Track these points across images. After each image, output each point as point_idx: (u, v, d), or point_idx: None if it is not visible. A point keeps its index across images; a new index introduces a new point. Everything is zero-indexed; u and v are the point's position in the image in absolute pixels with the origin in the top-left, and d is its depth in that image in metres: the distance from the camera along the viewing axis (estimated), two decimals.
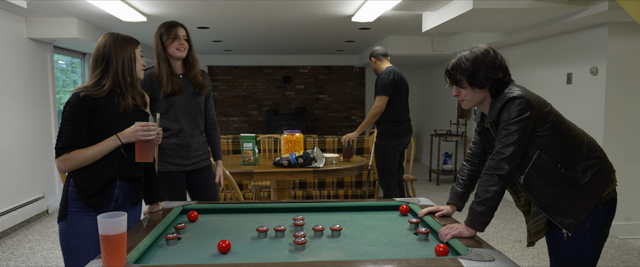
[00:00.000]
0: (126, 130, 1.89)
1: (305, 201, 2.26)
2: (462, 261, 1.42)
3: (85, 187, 1.89)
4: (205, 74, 2.77)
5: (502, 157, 1.70)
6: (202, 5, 4.49)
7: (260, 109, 9.67)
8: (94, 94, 1.89)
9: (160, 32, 2.59)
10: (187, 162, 2.67)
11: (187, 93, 2.64)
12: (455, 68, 1.81)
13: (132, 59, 1.96)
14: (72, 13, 4.80)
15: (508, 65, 1.83)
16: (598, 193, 1.74)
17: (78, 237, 1.91)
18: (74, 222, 1.90)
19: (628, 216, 4.34)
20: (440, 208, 1.99)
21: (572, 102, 4.55)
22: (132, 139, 1.88)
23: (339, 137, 5.28)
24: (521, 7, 3.60)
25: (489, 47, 1.81)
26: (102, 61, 1.94)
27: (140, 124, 1.89)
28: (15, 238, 4.30)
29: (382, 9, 4.43)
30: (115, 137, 1.89)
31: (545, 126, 1.73)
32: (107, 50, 1.93)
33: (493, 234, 4.25)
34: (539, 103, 1.74)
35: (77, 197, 1.90)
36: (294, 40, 7.07)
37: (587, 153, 1.76)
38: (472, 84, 1.79)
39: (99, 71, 1.93)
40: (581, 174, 1.73)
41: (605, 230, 1.78)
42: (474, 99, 1.83)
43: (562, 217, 1.74)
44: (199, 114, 2.72)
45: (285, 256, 1.57)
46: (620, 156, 4.25)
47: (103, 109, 1.90)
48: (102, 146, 1.87)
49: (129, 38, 1.98)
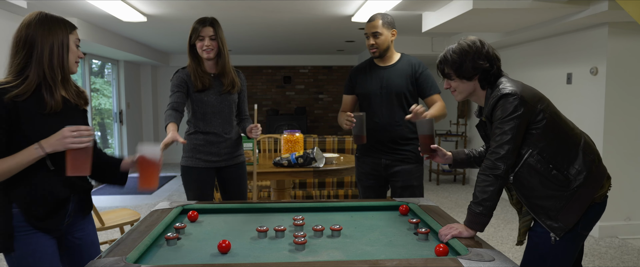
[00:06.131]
0: (51, 137, 1.52)
1: (305, 201, 2.26)
2: (462, 261, 1.42)
3: (32, 210, 1.57)
4: (238, 72, 2.73)
5: (497, 157, 1.69)
6: (202, 5, 4.49)
7: (260, 109, 9.67)
8: (17, 92, 1.53)
9: (192, 28, 2.53)
10: (217, 159, 2.64)
11: (218, 91, 2.59)
12: (443, 61, 1.84)
13: (64, 47, 1.60)
14: (72, 13, 4.80)
15: (497, 56, 1.82)
16: (589, 197, 1.71)
17: (39, 262, 1.59)
18: (30, 247, 1.57)
19: (628, 216, 4.34)
20: (445, 152, 2.06)
21: (572, 102, 4.55)
22: (60, 147, 1.52)
23: (339, 137, 5.28)
24: (521, 7, 3.60)
25: (476, 38, 1.81)
26: (24, 46, 1.57)
27: (70, 128, 1.53)
28: None
29: (382, 9, 4.43)
30: (36, 146, 1.51)
31: (539, 124, 1.70)
32: (30, 32, 1.57)
33: (493, 234, 4.25)
34: (533, 99, 1.71)
35: (23, 220, 1.57)
36: (294, 40, 7.08)
37: (582, 155, 1.73)
38: (460, 75, 1.80)
39: (20, 59, 1.56)
40: (574, 176, 1.70)
41: (584, 232, 1.75)
42: (465, 91, 1.85)
43: (551, 221, 1.72)
44: (231, 113, 2.67)
45: (285, 256, 1.57)
46: (620, 156, 4.26)
47: (29, 110, 1.55)
48: (19, 157, 1.50)
49: (62, 20, 1.63)
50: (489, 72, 1.78)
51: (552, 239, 1.73)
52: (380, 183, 2.78)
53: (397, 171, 2.68)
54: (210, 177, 2.65)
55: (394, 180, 2.71)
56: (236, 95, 2.69)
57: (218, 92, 2.59)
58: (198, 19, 2.53)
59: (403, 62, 2.70)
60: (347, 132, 9.76)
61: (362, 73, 2.75)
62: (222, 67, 2.58)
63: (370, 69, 2.73)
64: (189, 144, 2.61)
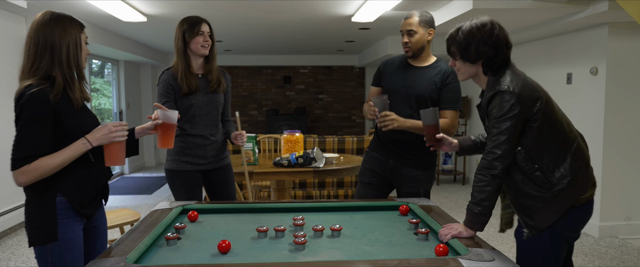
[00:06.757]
0: (95, 132, 1.68)
1: (305, 201, 2.26)
2: (462, 261, 1.42)
3: (79, 198, 1.72)
4: (224, 72, 2.71)
5: (493, 157, 1.67)
6: (202, 5, 4.49)
7: (260, 109, 9.67)
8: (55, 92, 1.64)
9: (183, 27, 2.50)
10: (204, 162, 2.61)
11: (205, 93, 2.57)
12: (450, 39, 1.80)
13: (77, 46, 1.70)
14: (72, 13, 4.75)
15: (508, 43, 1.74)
16: (569, 201, 1.68)
17: (73, 249, 1.72)
18: (67, 235, 1.70)
19: (628, 216, 4.34)
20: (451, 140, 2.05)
21: (572, 102, 4.55)
22: (105, 141, 1.68)
23: (339, 137, 5.28)
24: (521, 7, 3.60)
25: (489, 21, 1.73)
26: (45, 48, 1.65)
27: (113, 124, 1.69)
28: (15, 238, 4.30)
29: (382, 9, 4.43)
30: (84, 141, 1.65)
31: (533, 123, 1.68)
32: (48, 33, 1.65)
33: (493, 234, 4.25)
34: (530, 99, 1.67)
35: (69, 207, 1.71)
36: (294, 40, 7.08)
37: (571, 159, 1.69)
38: (464, 57, 1.77)
39: (43, 61, 1.65)
40: (557, 179, 1.68)
41: (571, 234, 1.74)
42: (467, 72, 1.81)
43: (527, 218, 1.73)
44: (217, 115, 2.65)
45: (285, 256, 1.57)
46: (620, 156, 4.26)
47: (65, 107, 1.66)
48: (69, 151, 1.64)
49: (73, 19, 1.74)
50: (493, 60, 1.73)
51: (525, 235, 1.74)
52: (383, 184, 2.66)
53: (403, 175, 2.57)
54: (198, 180, 2.63)
55: (400, 185, 2.61)
56: (222, 95, 2.67)
57: (205, 93, 2.57)
58: (190, 18, 2.52)
59: (435, 67, 2.53)
60: (347, 133, 9.76)
61: (391, 67, 2.61)
62: (211, 66, 2.59)
63: (400, 66, 2.58)
64: (175, 146, 2.54)
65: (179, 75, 2.50)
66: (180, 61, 2.52)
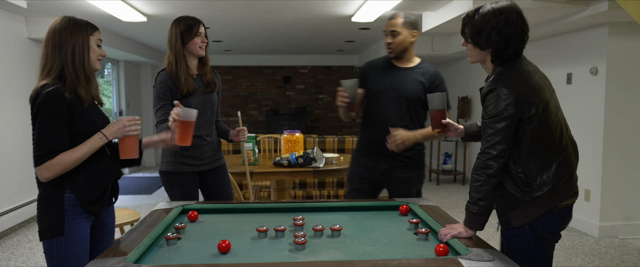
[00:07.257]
0: (110, 126, 1.79)
1: (305, 201, 2.26)
2: (462, 261, 1.42)
3: (87, 195, 1.79)
4: (214, 73, 2.71)
5: (488, 157, 1.66)
6: (202, 5, 4.49)
7: (260, 109, 9.67)
8: (68, 91, 1.73)
9: (180, 28, 2.48)
10: (200, 163, 2.59)
11: (201, 93, 2.56)
12: (466, 19, 1.75)
13: (85, 48, 1.78)
14: (72, 13, 4.75)
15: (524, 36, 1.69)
16: (546, 208, 1.67)
17: (79, 245, 1.79)
18: (74, 231, 1.77)
19: (628, 216, 4.34)
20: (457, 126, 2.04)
21: (572, 102, 4.55)
22: (119, 135, 1.79)
23: (339, 137, 5.28)
24: (521, 7, 3.55)
25: (509, 7, 1.68)
26: (54, 50, 1.75)
27: (127, 118, 1.79)
28: (15, 238, 4.30)
29: (382, 9, 4.43)
30: (100, 135, 1.75)
31: (526, 126, 1.66)
32: (56, 37, 1.75)
33: (493, 234, 4.25)
34: (526, 102, 1.64)
35: (77, 203, 1.77)
36: (294, 40, 7.08)
37: (556, 168, 1.67)
38: (474, 41, 1.73)
39: (56, 62, 1.75)
40: (538, 185, 1.66)
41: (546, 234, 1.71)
42: (475, 57, 1.78)
43: (501, 210, 1.74)
44: (213, 115, 2.64)
45: (285, 256, 1.57)
46: (620, 156, 4.26)
47: (77, 106, 1.76)
48: (87, 146, 1.73)
49: (85, 23, 1.81)
50: (503, 51, 1.70)
51: (497, 227, 1.76)
52: (373, 187, 2.63)
53: (394, 178, 2.55)
54: (194, 181, 2.61)
55: (391, 187, 2.59)
56: (216, 95, 2.68)
57: (202, 94, 2.57)
58: (187, 18, 2.50)
59: (421, 68, 2.53)
60: (347, 133, 9.77)
61: (376, 68, 2.59)
62: (205, 66, 2.59)
63: (385, 67, 2.56)
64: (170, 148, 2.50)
65: (182, 78, 2.48)
66: (179, 62, 2.49)
